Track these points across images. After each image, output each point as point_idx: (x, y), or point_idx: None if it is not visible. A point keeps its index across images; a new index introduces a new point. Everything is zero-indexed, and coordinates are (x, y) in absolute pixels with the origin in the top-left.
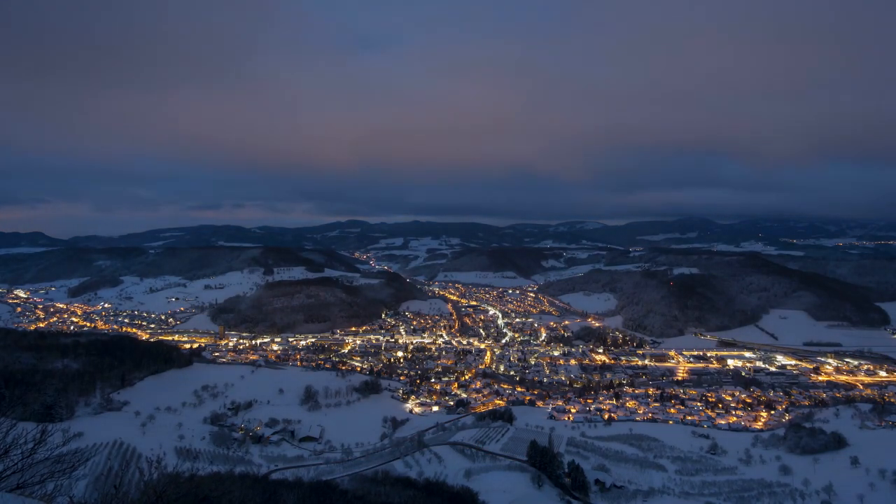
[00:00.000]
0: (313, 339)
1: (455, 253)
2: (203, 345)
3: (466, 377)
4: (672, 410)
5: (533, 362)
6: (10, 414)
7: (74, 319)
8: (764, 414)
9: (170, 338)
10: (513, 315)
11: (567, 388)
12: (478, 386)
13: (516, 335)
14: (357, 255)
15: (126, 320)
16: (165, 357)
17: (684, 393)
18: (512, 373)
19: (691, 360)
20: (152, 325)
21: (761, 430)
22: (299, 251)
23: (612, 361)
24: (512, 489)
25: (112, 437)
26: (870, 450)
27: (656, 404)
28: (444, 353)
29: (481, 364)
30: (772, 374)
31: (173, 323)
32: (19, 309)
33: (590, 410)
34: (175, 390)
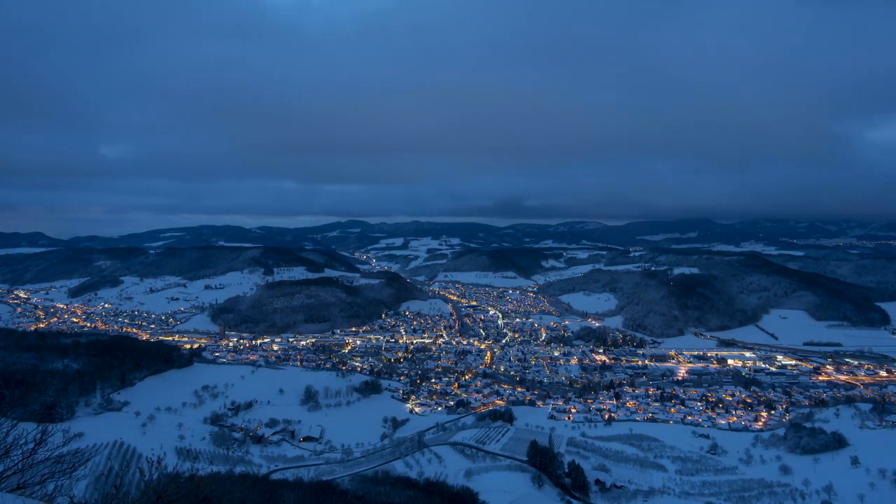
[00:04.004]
0: (313, 339)
1: (455, 253)
2: (203, 345)
3: (467, 377)
4: (672, 410)
5: (533, 362)
6: (10, 414)
7: (74, 320)
8: (764, 414)
9: (170, 338)
10: (513, 315)
11: (567, 388)
12: (478, 386)
13: (516, 335)
14: (357, 255)
15: (126, 320)
16: (165, 357)
17: (684, 393)
18: (512, 373)
19: (691, 360)
20: (152, 326)
21: (761, 430)
22: (299, 251)
23: (613, 361)
24: (512, 489)
25: (112, 438)
26: (870, 450)
27: (656, 404)
28: (444, 353)
29: (481, 364)
30: (772, 373)
31: (173, 323)
32: (19, 309)
33: (590, 410)
34: (175, 390)
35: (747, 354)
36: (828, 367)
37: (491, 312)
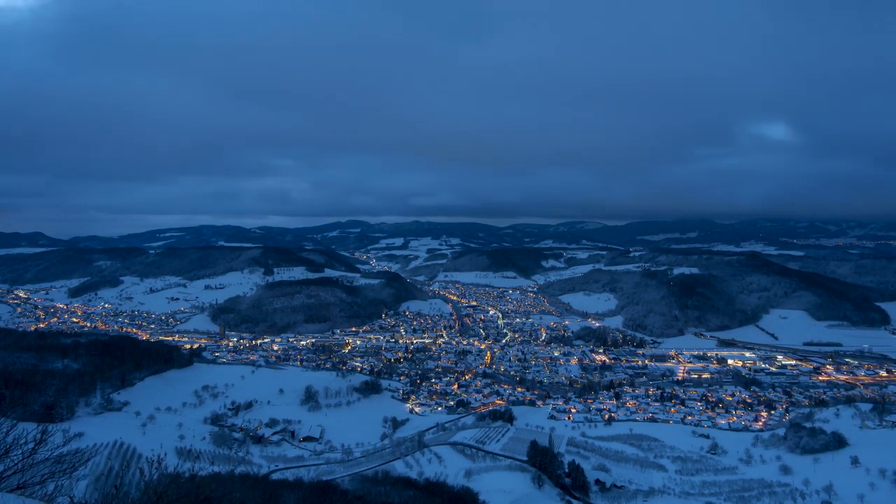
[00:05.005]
0: (313, 339)
1: (455, 253)
2: (203, 345)
3: (467, 377)
4: (672, 410)
5: (533, 362)
6: (10, 414)
7: (74, 320)
8: (764, 414)
9: (170, 338)
10: (513, 315)
11: (567, 388)
12: (478, 386)
13: (516, 335)
14: (357, 255)
15: (126, 320)
16: (165, 357)
17: (684, 393)
18: (512, 373)
19: (691, 360)
20: (152, 326)
21: (761, 430)
22: (299, 251)
23: (613, 361)
24: (512, 489)
25: (112, 438)
26: (870, 450)
27: (656, 404)
28: (444, 353)
29: (481, 364)
30: (772, 373)
31: (173, 323)
32: (19, 309)
33: (590, 410)
34: (175, 390)
35: (747, 354)
36: (828, 367)
37: (491, 312)
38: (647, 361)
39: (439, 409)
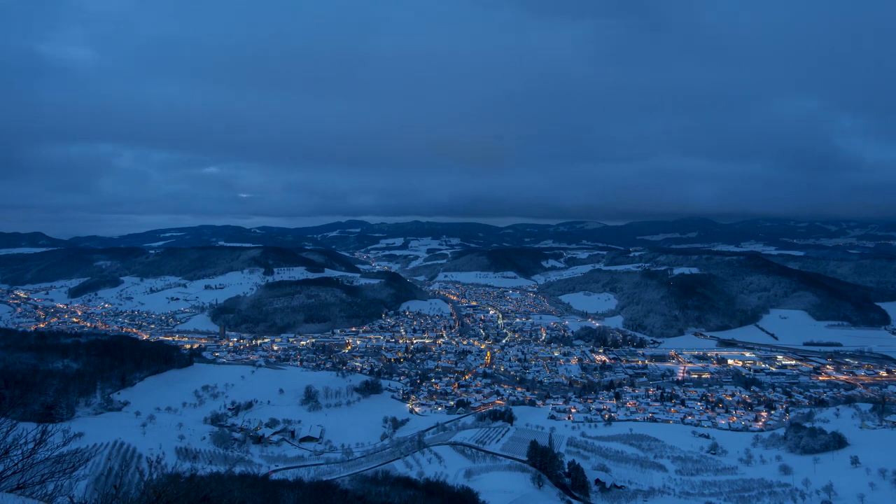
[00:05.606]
0: (313, 339)
1: (455, 253)
2: (203, 345)
3: (467, 377)
4: (672, 410)
5: (533, 362)
6: (10, 414)
7: (74, 320)
8: (764, 414)
9: (170, 338)
10: (513, 315)
11: (567, 388)
12: (478, 386)
13: (516, 335)
14: (357, 255)
15: (126, 320)
16: (165, 357)
17: (684, 393)
18: (512, 373)
19: (691, 360)
20: (152, 326)
21: (761, 430)
22: (299, 251)
23: (613, 361)
24: (512, 489)
25: (112, 438)
26: (870, 450)
27: (656, 404)
28: (444, 353)
29: (481, 364)
30: (772, 373)
31: (173, 323)
32: (19, 309)
33: (590, 410)
34: (175, 390)
35: (747, 354)
36: (828, 367)
37: (491, 312)
38: (647, 361)
39: (439, 409)
